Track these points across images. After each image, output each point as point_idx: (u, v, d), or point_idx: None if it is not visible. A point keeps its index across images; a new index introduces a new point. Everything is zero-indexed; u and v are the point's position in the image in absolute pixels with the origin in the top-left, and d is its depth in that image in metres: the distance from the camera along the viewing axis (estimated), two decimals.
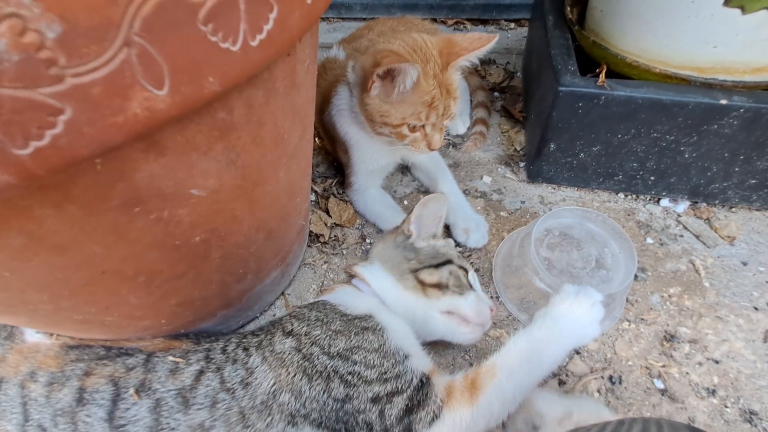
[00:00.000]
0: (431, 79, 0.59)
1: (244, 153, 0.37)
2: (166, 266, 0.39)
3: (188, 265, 0.41)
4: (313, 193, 0.79)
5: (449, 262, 0.54)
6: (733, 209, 0.73)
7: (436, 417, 0.40)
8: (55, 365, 0.45)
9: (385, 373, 0.41)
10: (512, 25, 1.23)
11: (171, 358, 0.43)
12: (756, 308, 0.61)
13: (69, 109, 0.21)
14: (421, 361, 0.45)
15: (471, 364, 0.56)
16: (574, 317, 0.46)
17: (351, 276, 0.54)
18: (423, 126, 0.63)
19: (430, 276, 0.52)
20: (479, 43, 0.59)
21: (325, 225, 0.73)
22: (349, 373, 0.41)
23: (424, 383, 0.42)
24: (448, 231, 0.70)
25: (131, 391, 0.40)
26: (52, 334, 0.48)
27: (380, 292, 0.51)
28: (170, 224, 0.35)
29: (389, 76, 0.58)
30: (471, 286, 0.54)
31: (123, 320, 0.45)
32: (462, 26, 1.23)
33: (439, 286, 0.51)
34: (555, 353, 0.45)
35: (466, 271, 0.55)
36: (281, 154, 0.44)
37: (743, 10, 0.57)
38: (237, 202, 0.40)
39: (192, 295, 0.47)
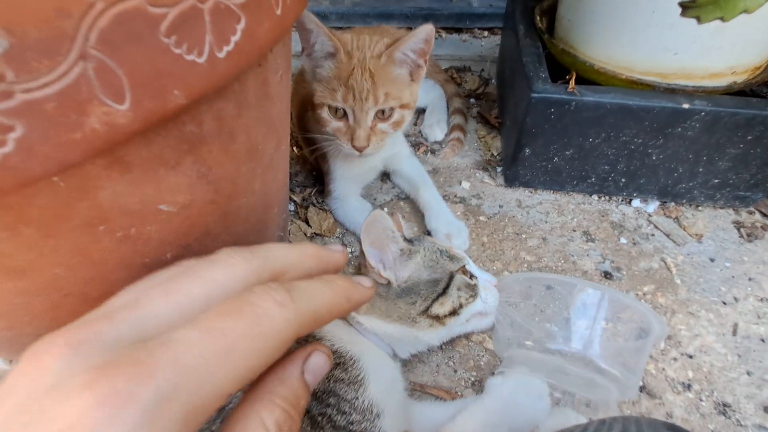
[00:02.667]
0: (353, 59, 0.60)
1: (216, 166, 0.36)
2: None
3: None
4: (292, 203, 0.78)
5: (452, 277, 0.47)
6: (700, 208, 0.76)
7: None
8: None
9: (352, 423, 0.38)
10: (485, 33, 1.25)
11: None
12: (724, 303, 0.63)
13: (20, 127, 0.20)
14: (393, 422, 0.41)
15: (455, 371, 0.56)
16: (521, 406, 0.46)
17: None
18: (346, 116, 0.63)
19: (442, 307, 0.45)
20: (414, 37, 0.61)
21: (305, 235, 0.72)
22: (320, 414, 0.38)
23: None
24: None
25: None
26: (11, 361, 0.45)
27: (386, 338, 0.47)
28: (138, 242, 0.33)
29: (305, 41, 0.61)
30: (473, 275, 0.50)
31: None
32: (437, 35, 1.25)
33: (455, 312, 0.46)
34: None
35: (464, 265, 0.50)
36: (256, 165, 0.43)
37: (699, 20, 0.60)
38: (210, 216, 0.39)
39: None
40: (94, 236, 0.30)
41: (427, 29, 0.60)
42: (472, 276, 0.50)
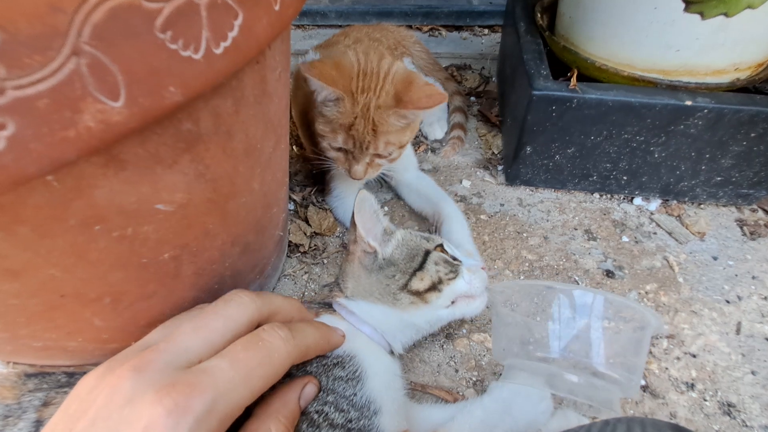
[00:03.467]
0: (358, 108, 0.58)
1: (214, 165, 0.35)
2: (133, 286, 0.37)
3: (158, 284, 0.39)
4: (292, 203, 0.78)
5: (428, 252, 0.49)
6: (702, 206, 0.76)
7: None
8: (11, 396, 0.42)
9: (350, 421, 0.38)
10: (486, 31, 1.25)
11: None
12: (728, 301, 0.63)
13: (12, 124, 0.20)
14: (391, 420, 0.41)
15: (456, 371, 0.56)
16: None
17: (328, 305, 0.48)
18: (345, 150, 0.62)
19: (421, 282, 0.47)
20: (428, 102, 0.57)
21: (305, 234, 0.72)
22: (317, 412, 0.37)
23: None
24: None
25: None
26: (8, 363, 0.44)
27: (376, 324, 0.47)
28: (135, 242, 0.33)
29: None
30: (455, 258, 0.51)
31: (88, 344, 0.42)
32: (437, 32, 1.24)
33: (434, 287, 0.47)
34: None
35: (443, 246, 0.51)
36: (254, 164, 0.42)
37: (702, 15, 0.59)
38: (209, 216, 0.39)
39: (164, 314, 0.45)
40: (91, 236, 0.29)
41: (445, 100, 0.58)
42: (452, 257, 0.51)
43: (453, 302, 0.49)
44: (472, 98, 1.00)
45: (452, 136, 0.87)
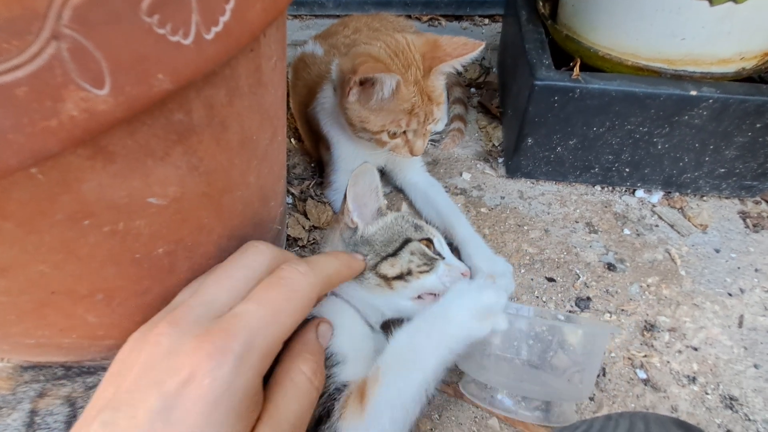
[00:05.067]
0: (411, 86, 0.57)
1: (208, 157, 0.34)
2: (126, 282, 0.36)
3: (152, 280, 0.38)
4: (290, 196, 0.77)
5: (407, 241, 0.48)
6: (704, 198, 0.75)
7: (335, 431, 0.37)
8: (6, 387, 0.41)
9: None
10: (486, 20, 1.23)
11: None
12: (730, 294, 0.62)
13: None
14: (353, 370, 0.40)
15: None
16: (462, 305, 0.40)
17: None
18: (405, 132, 0.61)
19: (391, 268, 0.46)
20: (465, 49, 0.57)
21: (303, 228, 0.71)
22: None
23: (340, 390, 0.38)
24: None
25: None
26: (2, 359, 0.44)
27: (343, 294, 0.48)
28: (127, 237, 0.32)
29: (368, 82, 0.56)
30: (440, 255, 0.50)
31: (83, 341, 0.41)
32: (437, 22, 1.22)
33: (402, 276, 0.46)
34: (438, 348, 0.39)
35: (431, 241, 0.50)
36: (250, 157, 0.41)
37: (711, 2, 0.58)
38: (203, 210, 0.38)
39: (159, 310, 0.44)
40: (80, 231, 0.28)
41: (480, 47, 0.57)
42: (437, 253, 0.49)
43: (419, 297, 0.48)
44: (473, 89, 0.98)
45: (452, 128, 0.85)
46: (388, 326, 0.48)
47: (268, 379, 0.31)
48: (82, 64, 0.20)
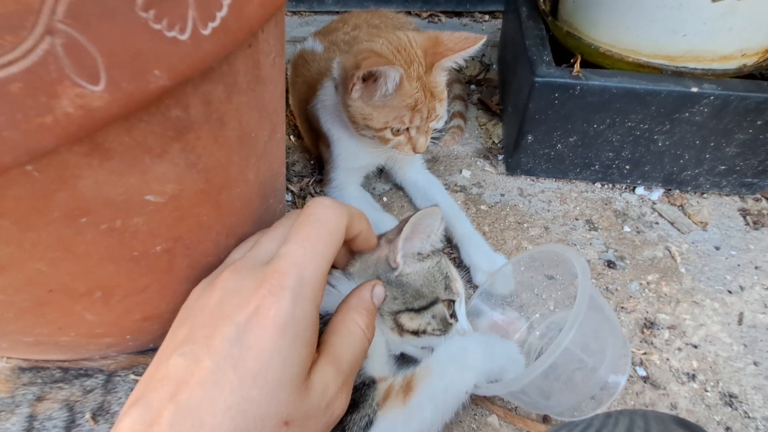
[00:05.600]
0: (414, 81, 0.57)
1: (206, 155, 0.34)
2: (124, 280, 0.36)
3: (151, 278, 0.38)
4: (289, 194, 0.77)
5: (435, 302, 0.47)
6: (705, 195, 0.75)
7: (370, 422, 0.38)
8: (5, 390, 0.41)
9: None
10: (486, 17, 1.22)
11: (132, 376, 0.39)
12: (730, 291, 0.62)
13: None
14: (374, 366, 0.42)
15: None
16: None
17: None
18: (408, 129, 0.61)
19: (410, 321, 0.46)
20: (466, 43, 0.57)
21: None
22: None
23: (367, 385, 0.40)
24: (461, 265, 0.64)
25: (87, 416, 0.36)
26: (1, 357, 0.44)
27: None
28: (125, 235, 0.31)
29: (370, 78, 0.56)
30: (455, 316, 0.49)
31: (81, 339, 0.41)
32: (437, 19, 1.21)
33: (416, 333, 0.46)
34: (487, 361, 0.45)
35: (453, 301, 0.49)
36: (249, 154, 0.41)
37: None
38: (202, 207, 0.37)
39: (159, 308, 0.44)
40: (77, 229, 0.28)
41: (482, 41, 0.56)
42: (453, 315, 0.49)
43: (422, 347, 0.48)
44: (472, 86, 0.98)
45: (452, 125, 0.85)
46: None
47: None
48: (76, 59, 0.20)
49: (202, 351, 0.28)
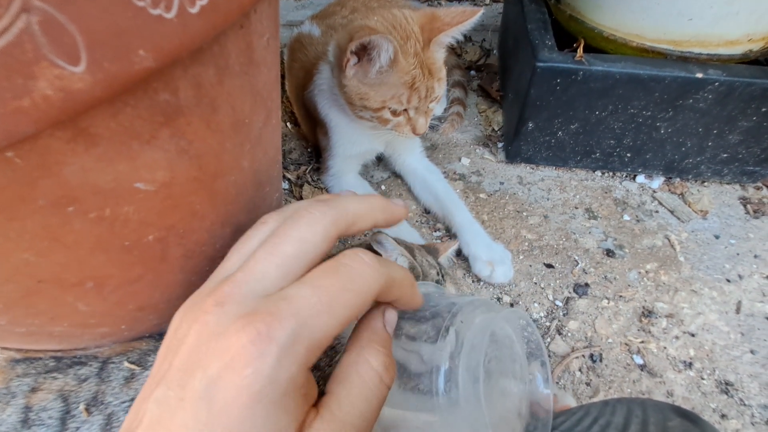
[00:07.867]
0: (411, 57, 0.55)
1: (198, 141, 0.33)
2: (116, 270, 0.35)
3: (144, 267, 0.38)
4: (286, 181, 0.75)
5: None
6: (705, 183, 0.74)
7: None
8: (0, 381, 0.41)
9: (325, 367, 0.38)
10: (487, 0, 1.19)
11: (126, 363, 0.39)
12: (728, 280, 0.62)
13: None
14: None
15: None
16: None
17: None
18: (406, 110, 0.60)
19: None
20: (462, 17, 0.55)
21: None
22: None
23: None
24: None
25: (81, 407, 0.36)
26: None
27: None
28: (115, 224, 0.30)
29: (364, 52, 0.54)
30: None
31: (75, 329, 0.40)
32: (436, 2, 1.18)
33: None
34: None
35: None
36: (243, 140, 0.40)
37: None
38: (195, 195, 0.36)
39: (153, 298, 0.43)
40: (64, 218, 0.27)
41: (479, 14, 0.55)
42: None
43: None
44: (472, 72, 0.96)
45: (451, 113, 0.84)
46: None
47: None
48: (54, 38, 0.18)
49: (175, 402, 0.23)
